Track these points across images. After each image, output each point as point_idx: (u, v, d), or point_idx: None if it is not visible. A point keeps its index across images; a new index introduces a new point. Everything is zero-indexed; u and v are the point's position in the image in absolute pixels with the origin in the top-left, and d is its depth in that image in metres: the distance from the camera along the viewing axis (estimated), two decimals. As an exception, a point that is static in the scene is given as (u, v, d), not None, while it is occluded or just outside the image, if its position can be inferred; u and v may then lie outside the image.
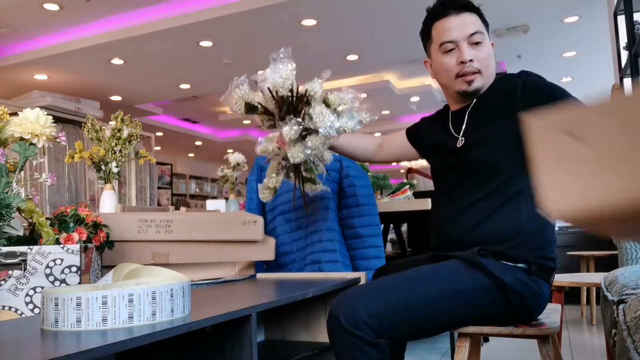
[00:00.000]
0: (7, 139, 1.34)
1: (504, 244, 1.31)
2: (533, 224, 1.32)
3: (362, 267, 2.25)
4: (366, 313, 1.22)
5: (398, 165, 14.21)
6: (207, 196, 12.23)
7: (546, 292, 1.35)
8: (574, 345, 3.10)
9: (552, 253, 1.36)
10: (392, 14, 4.51)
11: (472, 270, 1.30)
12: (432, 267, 1.35)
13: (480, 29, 1.44)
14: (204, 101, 7.89)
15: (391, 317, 1.23)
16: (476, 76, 1.42)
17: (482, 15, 1.48)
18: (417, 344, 3.13)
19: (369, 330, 1.21)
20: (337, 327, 1.23)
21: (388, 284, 1.32)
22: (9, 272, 1.16)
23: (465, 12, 1.44)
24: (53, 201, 3.98)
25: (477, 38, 1.42)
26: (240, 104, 1.57)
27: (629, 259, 2.06)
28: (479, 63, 1.42)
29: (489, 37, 1.48)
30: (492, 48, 1.48)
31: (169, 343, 1.14)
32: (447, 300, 1.27)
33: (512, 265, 1.31)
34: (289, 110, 1.51)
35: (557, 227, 5.16)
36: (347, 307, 1.24)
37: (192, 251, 1.72)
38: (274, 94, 1.50)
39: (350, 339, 1.22)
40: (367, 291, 1.29)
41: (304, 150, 1.52)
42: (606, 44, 4.75)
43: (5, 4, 4.48)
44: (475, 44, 1.42)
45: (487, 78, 1.44)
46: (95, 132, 2.23)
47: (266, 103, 1.54)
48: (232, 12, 4.60)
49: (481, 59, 1.42)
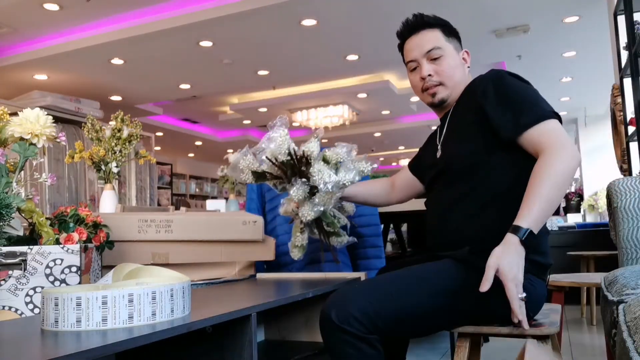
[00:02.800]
0: (7, 139, 1.34)
1: (490, 242, 1.31)
2: None
3: (362, 267, 2.25)
4: (357, 309, 1.24)
5: (398, 165, 14.21)
6: (207, 196, 12.23)
7: (540, 290, 1.34)
8: (574, 345, 3.10)
9: (543, 250, 1.35)
10: (392, 14, 4.51)
11: (463, 269, 1.30)
12: (424, 265, 1.37)
13: (438, 43, 1.51)
14: (204, 101, 7.88)
15: (382, 312, 1.25)
16: (438, 88, 1.52)
17: (445, 27, 1.54)
18: (418, 343, 3.13)
19: (359, 325, 1.23)
20: (329, 324, 1.25)
21: (379, 281, 1.34)
22: (9, 272, 1.16)
23: (424, 30, 1.53)
24: (53, 201, 3.98)
25: (435, 54, 1.50)
26: (248, 174, 1.62)
27: (629, 259, 2.06)
28: (439, 76, 1.51)
29: (457, 47, 1.55)
30: (457, 57, 1.54)
31: (169, 343, 1.14)
32: (438, 298, 1.28)
33: None
34: (294, 172, 1.56)
35: (557, 227, 5.16)
36: (338, 304, 1.26)
37: (192, 251, 1.72)
38: (274, 162, 1.54)
39: (341, 335, 1.23)
40: (358, 289, 1.31)
41: (313, 208, 1.55)
42: (606, 44, 4.74)
43: (5, 4, 4.48)
44: (435, 59, 1.51)
45: (453, 87, 1.52)
46: (95, 132, 2.23)
47: (272, 169, 1.57)
48: (232, 12, 4.60)
49: (441, 72, 1.50)
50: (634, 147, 3.31)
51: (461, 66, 1.54)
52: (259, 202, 2.43)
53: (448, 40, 1.53)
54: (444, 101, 1.53)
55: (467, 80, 1.53)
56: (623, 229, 2.08)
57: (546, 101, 1.36)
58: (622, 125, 3.56)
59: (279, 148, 1.54)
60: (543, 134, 1.29)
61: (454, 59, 1.52)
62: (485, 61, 6.09)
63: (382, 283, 1.32)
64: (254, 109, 8.37)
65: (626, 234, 2.07)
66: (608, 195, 2.21)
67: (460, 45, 1.56)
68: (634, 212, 2.07)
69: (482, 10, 4.56)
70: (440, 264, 1.35)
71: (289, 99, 7.91)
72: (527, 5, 4.52)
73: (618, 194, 2.12)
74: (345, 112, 8.27)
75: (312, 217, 1.55)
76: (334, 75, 6.86)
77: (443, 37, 1.52)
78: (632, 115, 3.23)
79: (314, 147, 1.56)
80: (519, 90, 1.36)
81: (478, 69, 1.52)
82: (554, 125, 1.31)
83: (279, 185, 1.63)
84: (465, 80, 1.53)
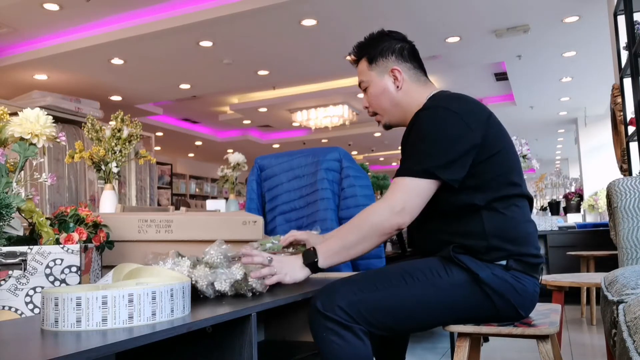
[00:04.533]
0: (7, 139, 1.34)
1: (473, 247, 1.33)
2: (495, 224, 1.33)
3: (362, 267, 2.25)
4: (342, 298, 1.27)
5: (398, 165, 14.20)
6: (207, 196, 12.23)
7: (531, 288, 1.34)
8: (574, 345, 3.10)
9: (530, 247, 1.36)
10: (392, 14, 4.51)
11: (449, 266, 1.32)
12: (413, 261, 1.39)
13: (362, 76, 1.53)
14: (204, 101, 7.89)
15: (366, 302, 1.27)
16: (377, 117, 1.57)
17: (369, 52, 1.51)
18: (418, 343, 3.13)
19: (344, 314, 1.25)
20: (315, 314, 1.27)
21: (366, 274, 1.37)
22: (9, 272, 1.16)
23: (358, 63, 1.55)
24: (53, 201, 3.98)
25: (363, 86, 1.54)
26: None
27: (629, 259, 2.06)
28: (371, 107, 1.55)
29: (381, 71, 1.50)
30: (380, 83, 1.50)
31: (169, 343, 1.14)
32: (423, 292, 1.30)
33: (489, 262, 1.32)
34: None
35: (558, 227, 5.15)
36: (325, 294, 1.29)
37: (192, 251, 1.72)
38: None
39: (327, 323, 1.26)
40: (345, 280, 1.34)
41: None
42: (606, 44, 4.74)
43: (5, 4, 4.48)
44: (365, 91, 1.55)
45: (388, 114, 1.53)
46: (95, 132, 2.23)
47: None
48: (232, 12, 4.60)
49: (370, 102, 1.54)
50: (634, 147, 3.31)
51: (385, 91, 1.50)
52: (259, 202, 2.43)
53: (371, 68, 1.51)
54: (389, 126, 1.57)
55: (405, 98, 1.49)
56: (623, 229, 2.08)
57: (447, 149, 1.32)
58: (622, 125, 3.56)
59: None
60: (399, 185, 1.34)
61: (376, 87, 1.51)
62: (485, 61, 6.09)
63: (368, 276, 1.35)
64: (254, 109, 8.37)
65: (626, 234, 2.07)
66: (608, 195, 2.21)
67: (388, 64, 1.49)
68: (634, 212, 2.07)
69: (482, 10, 4.56)
70: (427, 260, 1.37)
71: (289, 99, 7.91)
72: (527, 5, 4.52)
73: (618, 194, 2.12)
74: (345, 112, 8.27)
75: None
76: (334, 75, 6.86)
77: (367, 67, 1.52)
78: (632, 115, 3.23)
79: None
80: (426, 137, 1.35)
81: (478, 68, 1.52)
82: (405, 182, 1.32)
83: None
84: (403, 98, 1.49)
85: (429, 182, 1.31)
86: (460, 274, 1.31)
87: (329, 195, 2.25)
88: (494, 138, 1.37)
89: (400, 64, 1.49)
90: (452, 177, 1.31)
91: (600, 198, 6.96)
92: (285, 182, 2.41)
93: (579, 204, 7.10)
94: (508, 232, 1.34)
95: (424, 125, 1.36)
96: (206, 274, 1.28)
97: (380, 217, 1.31)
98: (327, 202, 2.24)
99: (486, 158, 1.34)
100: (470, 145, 1.32)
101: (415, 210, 1.32)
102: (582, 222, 6.05)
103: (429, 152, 1.32)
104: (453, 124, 1.33)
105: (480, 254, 1.32)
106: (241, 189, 3.48)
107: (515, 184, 1.38)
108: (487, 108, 1.43)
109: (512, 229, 1.35)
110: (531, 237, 1.38)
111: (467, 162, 1.32)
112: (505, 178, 1.37)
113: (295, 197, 2.35)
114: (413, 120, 1.41)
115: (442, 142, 1.32)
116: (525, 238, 1.36)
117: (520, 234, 1.35)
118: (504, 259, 1.32)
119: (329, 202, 2.25)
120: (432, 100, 1.43)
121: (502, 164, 1.37)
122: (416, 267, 1.34)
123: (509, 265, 1.32)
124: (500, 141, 1.38)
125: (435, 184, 1.32)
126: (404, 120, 1.51)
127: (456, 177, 1.32)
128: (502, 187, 1.36)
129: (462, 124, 1.33)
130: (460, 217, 1.36)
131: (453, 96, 1.43)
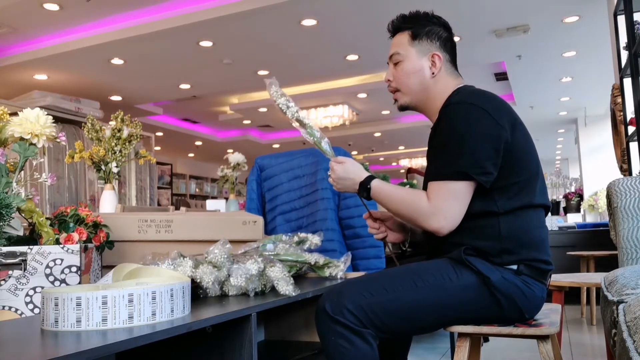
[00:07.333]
0: (7, 139, 1.34)
1: (485, 249, 1.32)
2: (511, 227, 1.32)
3: (362, 267, 2.25)
4: (351, 302, 1.25)
5: (398, 165, 14.20)
6: (207, 196, 12.23)
7: (539, 293, 1.34)
8: (574, 345, 3.10)
9: (542, 253, 1.35)
10: (392, 14, 4.50)
11: (459, 268, 1.31)
12: (420, 263, 1.38)
13: (400, 48, 1.50)
14: (204, 101, 7.88)
15: (375, 306, 1.26)
16: (397, 94, 1.52)
17: (415, 28, 1.49)
18: (418, 343, 3.13)
19: (353, 318, 1.24)
20: (323, 316, 1.26)
21: (375, 276, 1.36)
22: (9, 272, 1.16)
23: (396, 34, 1.54)
24: (53, 201, 3.98)
25: (395, 59, 1.51)
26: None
27: (629, 259, 2.06)
28: (395, 82, 1.51)
29: (423, 50, 1.48)
30: (417, 62, 1.47)
31: (169, 343, 1.14)
32: (433, 295, 1.29)
33: (500, 266, 1.31)
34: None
35: (558, 227, 5.15)
36: (333, 297, 1.28)
37: (192, 251, 1.72)
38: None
39: (335, 327, 1.24)
40: (353, 282, 1.33)
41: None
42: (606, 44, 4.74)
43: (5, 4, 4.48)
44: (396, 64, 1.51)
45: (412, 94, 1.49)
46: (95, 132, 2.23)
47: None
48: (232, 12, 4.60)
49: (397, 78, 1.51)
50: (634, 147, 3.31)
51: (419, 71, 1.47)
52: (259, 202, 2.43)
53: (413, 44, 1.48)
54: (406, 107, 1.52)
55: (435, 85, 1.47)
56: (623, 229, 2.08)
57: (477, 148, 1.30)
58: (622, 125, 3.56)
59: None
60: (433, 189, 1.33)
61: (411, 64, 1.47)
62: (485, 61, 6.09)
63: (377, 278, 1.34)
64: (254, 109, 8.37)
65: (626, 234, 2.07)
66: (608, 195, 2.21)
67: (432, 47, 1.47)
68: (634, 212, 2.07)
69: (482, 10, 4.56)
70: (436, 262, 1.36)
71: (289, 99, 7.91)
72: (527, 5, 4.52)
73: (618, 194, 2.12)
74: (345, 112, 8.27)
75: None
76: (334, 75, 6.86)
77: (408, 41, 1.49)
78: (632, 115, 3.23)
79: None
80: (455, 135, 1.33)
81: (478, 69, 1.51)
82: (439, 186, 1.32)
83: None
84: (433, 85, 1.47)
85: (464, 184, 1.30)
86: (470, 277, 1.29)
87: (329, 195, 2.25)
88: (520, 138, 1.35)
89: (442, 52, 1.48)
90: (485, 178, 1.29)
91: (600, 198, 6.95)
92: (285, 182, 2.41)
93: (579, 204, 7.10)
94: (522, 236, 1.32)
95: (452, 122, 1.34)
96: (211, 271, 1.29)
97: (421, 215, 1.33)
98: (327, 202, 2.24)
99: (511, 159, 1.32)
100: (501, 141, 1.30)
101: (453, 214, 1.30)
102: (582, 222, 6.05)
103: (459, 153, 1.30)
104: (484, 121, 1.31)
105: (491, 256, 1.31)
106: (241, 189, 3.47)
107: (536, 192, 1.36)
108: (514, 110, 1.41)
109: (527, 234, 1.33)
110: (544, 243, 1.37)
111: (498, 160, 1.30)
112: (528, 184, 1.34)
113: (295, 197, 2.36)
114: (440, 115, 1.39)
115: (472, 140, 1.30)
116: (539, 244, 1.35)
117: (534, 240, 1.34)
118: (515, 263, 1.31)
119: (329, 202, 2.25)
120: (458, 95, 1.40)
121: (525, 168, 1.35)
122: (425, 269, 1.33)
123: (520, 270, 1.31)
124: (526, 144, 1.36)
125: (470, 185, 1.30)
126: (424, 107, 1.49)
127: (489, 177, 1.30)
128: (523, 194, 1.33)
129: (491, 121, 1.31)
130: (477, 217, 1.34)
131: (479, 92, 1.40)
